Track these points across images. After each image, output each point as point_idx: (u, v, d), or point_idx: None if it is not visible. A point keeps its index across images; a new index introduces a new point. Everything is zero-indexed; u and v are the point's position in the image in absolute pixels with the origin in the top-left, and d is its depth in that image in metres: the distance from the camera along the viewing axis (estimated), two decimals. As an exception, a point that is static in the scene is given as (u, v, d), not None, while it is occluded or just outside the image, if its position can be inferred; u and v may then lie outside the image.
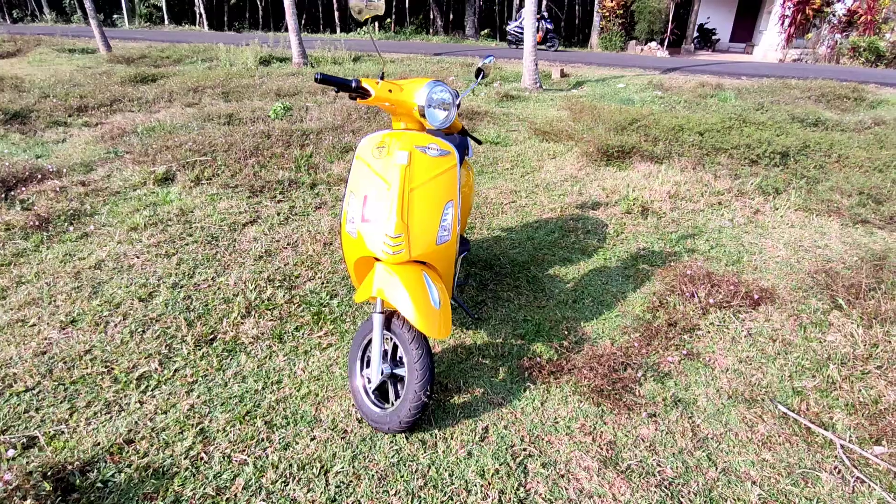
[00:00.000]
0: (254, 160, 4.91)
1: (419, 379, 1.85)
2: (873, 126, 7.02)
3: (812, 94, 9.12)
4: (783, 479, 1.85)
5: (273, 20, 24.88)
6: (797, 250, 3.57)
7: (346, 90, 1.89)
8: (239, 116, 6.56)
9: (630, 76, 11.73)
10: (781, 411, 2.15)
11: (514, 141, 6.16)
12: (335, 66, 11.52)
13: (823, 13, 15.47)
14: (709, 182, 4.61)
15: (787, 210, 4.21)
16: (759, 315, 2.80)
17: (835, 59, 15.27)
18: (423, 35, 20.14)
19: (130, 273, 3.10)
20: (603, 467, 1.88)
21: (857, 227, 3.96)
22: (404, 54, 14.26)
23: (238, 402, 2.15)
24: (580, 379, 2.29)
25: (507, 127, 6.80)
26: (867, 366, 2.35)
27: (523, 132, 6.51)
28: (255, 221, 3.87)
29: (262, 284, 3.02)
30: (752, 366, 2.45)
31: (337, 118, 6.45)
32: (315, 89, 8.44)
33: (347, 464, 1.86)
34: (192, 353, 2.44)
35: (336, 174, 4.77)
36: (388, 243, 1.89)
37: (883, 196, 4.40)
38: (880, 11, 14.55)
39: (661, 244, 3.66)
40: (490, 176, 4.98)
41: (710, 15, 19.23)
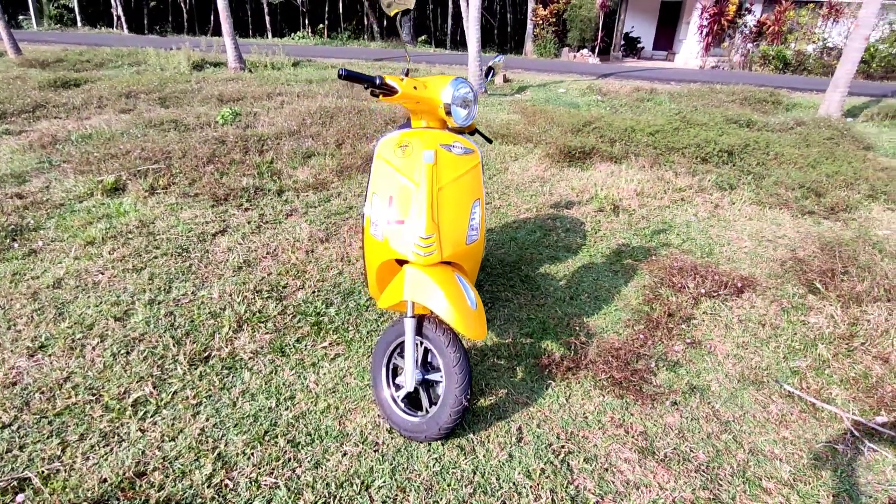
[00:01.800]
0: (212, 167, 4.63)
1: (459, 383, 1.79)
2: (796, 126, 7.64)
3: (736, 98, 9.80)
4: (806, 455, 1.95)
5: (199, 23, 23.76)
6: (761, 241, 3.80)
7: (370, 87, 1.81)
8: (184, 122, 6.18)
9: (569, 81, 12.15)
10: (787, 391, 2.27)
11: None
12: (276, 71, 11.14)
13: (736, 24, 16.74)
14: (670, 179, 4.83)
15: (742, 204, 4.48)
16: (744, 302, 2.95)
17: (748, 66, 16.55)
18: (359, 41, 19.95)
19: (97, 291, 2.82)
20: (642, 457, 1.90)
21: (806, 218, 4.28)
22: (344, 59, 14.05)
23: (253, 422, 2.00)
24: (597, 373, 2.32)
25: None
26: (852, 343, 2.53)
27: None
28: (225, 231, 3.64)
29: (250, 296, 2.84)
30: (749, 350, 2.57)
31: (291, 123, 6.22)
32: (260, 94, 8.12)
33: (388, 477, 1.77)
34: (187, 373, 2.24)
35: (302, 180, 4.59)
36: (419, 244, 1.82)
37: (822, 189, 4.78)
38: (786, 23, 15.93)
39: (637, 239, 3.79)
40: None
41: (634, 24, 20.30)
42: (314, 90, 8.73)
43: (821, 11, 16.08)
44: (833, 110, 8.99)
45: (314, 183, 4.54)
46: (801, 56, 15.93)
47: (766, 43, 16.23)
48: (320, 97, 8.11)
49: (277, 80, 9.71)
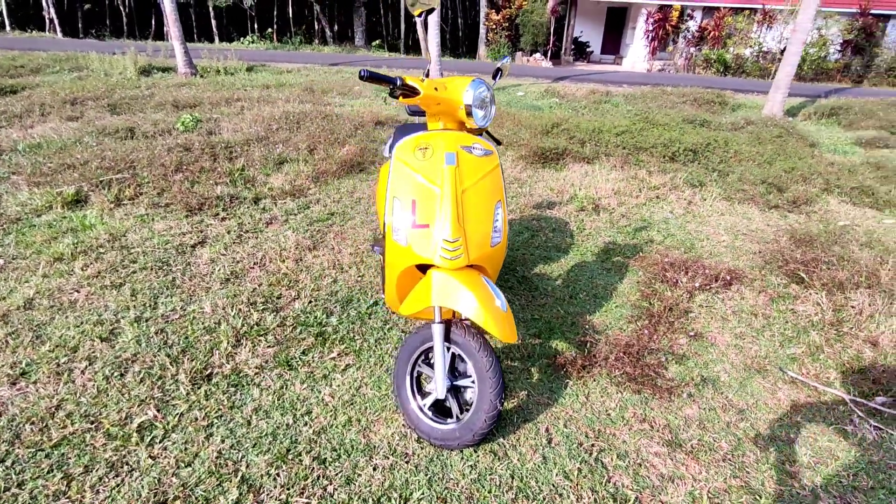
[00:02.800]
0: (181, 176, 4.41)
1: (494, 387, 1.76)
2: (746, 125, 8.04)
3: (686, 100, 10.22)
4: (820, 438, 2.02)
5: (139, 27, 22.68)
6: (737, 235, 3.96)
7: (392, 88, 1.76)
8: (142, 130, 5.88)
9: (526, 84, 12.35)
10: (791, 377, 2.36)
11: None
12: (229, 77, 10.78)
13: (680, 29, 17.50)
14: (644, 178, 4.96)
15: (713, 200, 4.66)
16: (734, 294, 3.06)
17: (692, 69, 17.32)
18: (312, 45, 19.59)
19: (75, 310, 2.62)
20: (671, 450, 1.92)
21: (772, 212, 4.49)
22: (299, 64, 13.77)
23: (272, 441, 1.90)
24: (611, 370, 2.34)
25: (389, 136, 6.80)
26: (841, 328, 2.66)
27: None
28: (205, 242, 3.47)
29: (244, 309, 2.71)
30: (747, 340, 2.67)
31: (257, 129, 6.03)
32: (218, 100, 7.83)
33: (426, 488, 1.72)
34: (191, 393, 2.11)
35: (277, 187, 4.44)
36: (446, 248, 1.78)
37: (782, 184, 5.04)
38: (725, 29, 16.78)
39: (621, 237, 3.87)
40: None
41: (583, 29, 20.88)
42: (274, 95, 8.50)
43: (755, 18, 17.04)
44: (776, 110, 9.52)
45: (291, 190, 4.40)
46: (739, 59, 16.82)
47: (708, 47, 17.05)
48: (281, 102, 7.90)
49: (233, 86, 9.41)
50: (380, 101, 8.84)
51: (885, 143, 7.67)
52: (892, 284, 2.96)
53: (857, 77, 16.73)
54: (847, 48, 16.82)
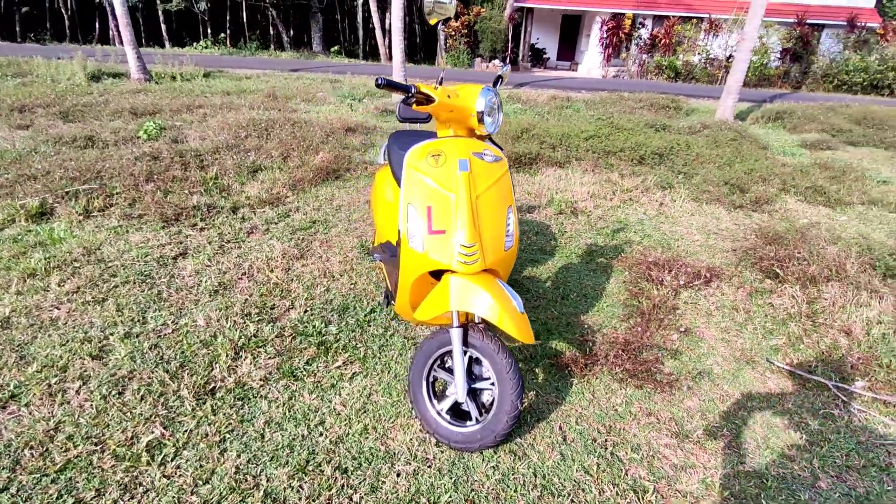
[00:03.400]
0: (152, 185, 4.26)
1: (514, 388, 1.80)
2: (702, 129, 8.40)
3: (644, 105, 10.60)
4: (811, 422, 2.15)
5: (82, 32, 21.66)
6: (709, 234, 4.15)
7: (407, 96, 1.78)
8: (102, 138, 5.64)
9: (488, 91, 12.48)
10: (777, 367, 2.49)
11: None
12: (186, 83, 10.46)
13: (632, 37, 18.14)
14: (616, 181, 5.13)
15: (682, 201, 4.86)
16: (715, 290, 3.20)
17: (644, 75, 17.98)
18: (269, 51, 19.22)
19: (58, 328, 2.50)
20: (680, 441, 2.00)
21: (738, 212, 4.72)
22: (257, 70, 13.50)
23: (289, 453, 1.87)
24: (612, 367, 2.41)
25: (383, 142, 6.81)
26: (817, 319, 2.83)
27: (423, 144, 6.57)
28: (186, 254, 3.37)
29: (239, 320, 2.65)
30: (732, 333, 2.80)
31: (226, 136, 5.88)
32: (178, 107, 7.59)
33: (453, 491, 1.73)
34: (197, 408, 2.05)
35: (254, 196, 4.35)
36: (463, 253, 1.81)
37: (744, 185, 5.30)
38: (674, 37, 17.51)
39: (601, 239, 3.98)
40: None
41: (539, 36, 21.33)
42: (236, 102, 8.31)
43: (702, 26, 17.86)
44: (728, 114, 10.00)
45: (268, 198, 4.32)
46: (689, 66, 17.58)
47: (660, 54, 17.75)
48: (245, 109, 7.74)
49: (192, 92, 9.14)
50: (346, 108, 8.79)
51: (827, 145, 8.16)
52: (859, 277, 3.17)
53: (796, 83, 17.77)
54: (786, 56, 17.85)
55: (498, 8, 18.63)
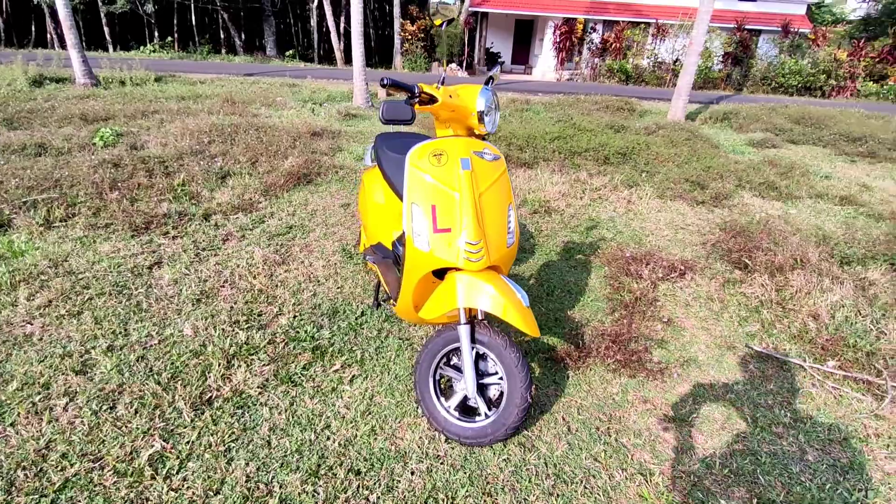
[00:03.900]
0: (117, 194, 4.09)
1: (524, 381, 1.83)
2: (658, 130, 8.73)
3: (600, 107, 10.92)
4: (793, 401, 2.29)
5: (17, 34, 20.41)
6: (677, 229, 4.33)
7: (411, 95, 1.79)
8: (54, 146, 5.36)
9: (449, 94, 12.58)
10: (756, 351, 2.63)
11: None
12: (137, 88, 10.06)
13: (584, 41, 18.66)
14: (585, 180, 5.27)
15: (648, 199, 5.05)
16: (689, 282, 3.35)
17: (597, 78, 18.52)
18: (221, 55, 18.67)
19: (34, 344, 2.37)
20: (678, 426, 2.09)
21: (700, 207, 4.94)
22: (211, 75, 13.12)
23: (299, 458, 1.84)
24: (604, 358, 2.49)
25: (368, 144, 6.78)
26: (786, 305, 3.00)
27: (391, 148, 6.57)
28: (161, 263, 3.25)
29: (227, 329, 2.58)
30: (710, 322, 2.94)
31: (189, 142, 5.70)
32: (132, 112, 7.30)
33: (469, 486, 1.75)
34: (196, 419, 1.99)
35: (225, 202, 4.24)
36: (469, 251, 1.84)
37: (703, 182, 5.55)
38: (624, 41, 18.13)
39: (576, 236, 4.09)
40: (391, 190, 4.94)
41: (493, 41, 21.64)
42: (193, 107, 8.07)
43: (650, 31, 18.56)
44: (679, 115, 10.43)
45: (241, 204, 4.22)
46: (638, 69, 18.23)
47: (611, 58, 18.33)
48: (204, 114, 7.52)
49: (144, 97, 8.81)
50: (307, 113, 8.67)
51: (772, 143, 8.63)
52: (820, 265, 3.38)
53: (738, 85, 18.71)
54: (728, 59, 18.77)
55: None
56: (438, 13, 5.47)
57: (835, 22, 23.86)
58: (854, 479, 1.89)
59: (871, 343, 2.65)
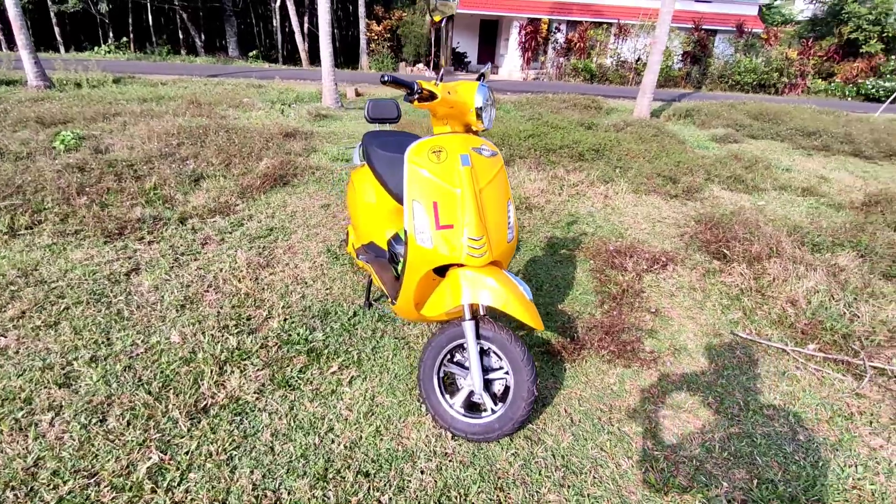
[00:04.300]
0: (85, 199, 3.93)
1: (529, 375, 1.84)
2: (626, 127, 8.92)
3: (567, 105, 11.08)
4: (781, 384, 2.37)
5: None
6: (654, 222, 4.43)
7: (411, 92, 1.78)
8: (10, 150, 5.10)
9: (418, 94, 12.56)
10: (742, 338, 2.72)
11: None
12: (95, 90, 9.67)
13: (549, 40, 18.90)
14: (563, 177, 5.34)
15: (624, 193, 5.15)
16: (672, 273, 3.43)
17: (562, 77, 18.79)
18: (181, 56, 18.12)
19: (10, 357, 2.25)
20: (675, 412, 2.14)
21: (674, 201, 5.07)
22: (172, 76, 12.73)
23: (305, 463, 1.80)
24: (598, 350, 2.53)
25: (342, 144, 6.72)
26: (765, 293, 3.11)
27: (365, 148, 6.51)
28: (138, 269, 3.14)
29: (217, 334, 2.51)
30: (694, 311, 3.02)
31: (157, 145, 5.52)
32: (93, 115, 7.02)
33: (481, 481, 1.75)
34: (193, 428, 1.93)
35: (201, 205, 4.12)
36: (472, 247, 1.83)
37: (674, 176, 5.70)
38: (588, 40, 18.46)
39: (558, 231, 4.14)
40: (370, 191, 4.89)
41: (459, 41, 21.70)
42: (157, 109, 7.83)
43: (612, 31, 18.95)
44: (644, 112, 10.67)
45: (217, 207, 4.11)
46: (602, 68, 18.59)
47: (575, 57, 18.64)
48: (169, 116, 7.30)
49: (103, 99, 8.48)
50: (276, 114, 8.51)
51: (734, 138, 8.92)
52: (794, 253, 3.52)
53: (697, 83, 19.29)
54: (687, 58, 19.34)
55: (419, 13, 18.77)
56: (437, 10, 5.42)
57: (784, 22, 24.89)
58: (844, 456, 1.97)
59: (846, 326, 2.77)
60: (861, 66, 19.51)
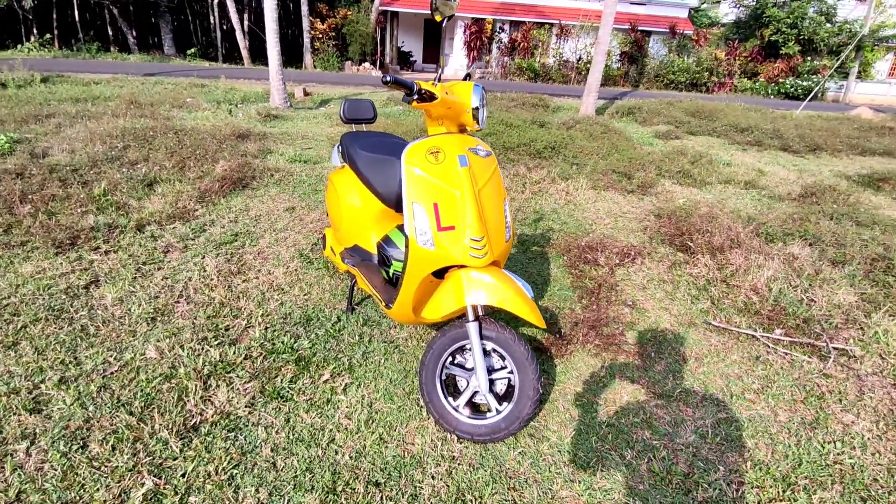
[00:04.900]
0: (29, 207, 3.64)
1: (534, 373, 1.86)
2: (575, 125, 9.16)
3: (516, 104, 11.26)
4: (756, 369, 2.50)
5: None
6: (616, 217, 4.57)
7: (410, 93, 1.75)
8: (-68, 156, 4.66)
9: (367, 93, 12.45)
10: (714, 326, 2.85)
11: (320, 158, 5.99)
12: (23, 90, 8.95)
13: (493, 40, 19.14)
14: (524, 174, 5.42)
15: (583, 190, 5.28)
16: (641, 266, 3.55)
17: (507, 76, 19.08)
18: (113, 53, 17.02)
19: (-34, 384, 2.06)
20: (666, 402, 2.22)
21: (630, 196, 5.26)
22: (105, 75, 12.00)
23: (312, 477, 1.75)
24: (584, 345, 2.59)
25: (297, 145, 6.55)
26: (730, 282, 3.27)
27: (322, 149, 6.39)
28: (98, 281, 2.94)
29: (196, 346, 2.39)
30: (666, 302, 3.14)
31: (101, 147, 5.18)
32: (23, 117, 6.51)
33: (494, 483, 1.75)
34: (185, 448, 1.83)
35: (158, 211, 3.90)
36: (474, 247, 1.83)
37: (628, 172, 5.91)
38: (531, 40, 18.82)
39: (526, 229, 4.20)
40: (334, 192, 4.79)
41: (404, 40, 21.61)
42: (93, 110, 7.37)
43: (554, 31, 19.41)
44: (590, 111, 11.00)
45: (176, 213, 3.91)
46: (545, 68, 19.00)
47: (520, 57, 18.96)
48: (109, 117, 6.88)
49: (32, 100, 7.89)
50: (224, 114, 8.19)
51: (675, 135, 9.34)
52: (752, 243, 3.72)
53: (635, 82, 20.09)
54: (625, 58, 20.09)
55: (364, 11, 18.55)
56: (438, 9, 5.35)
57: (711, 25, 26.29)
58: (822, 433, 2.11)
59: (806, 311, 2.96)
60: (781, 67, 20.91)
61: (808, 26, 20.64)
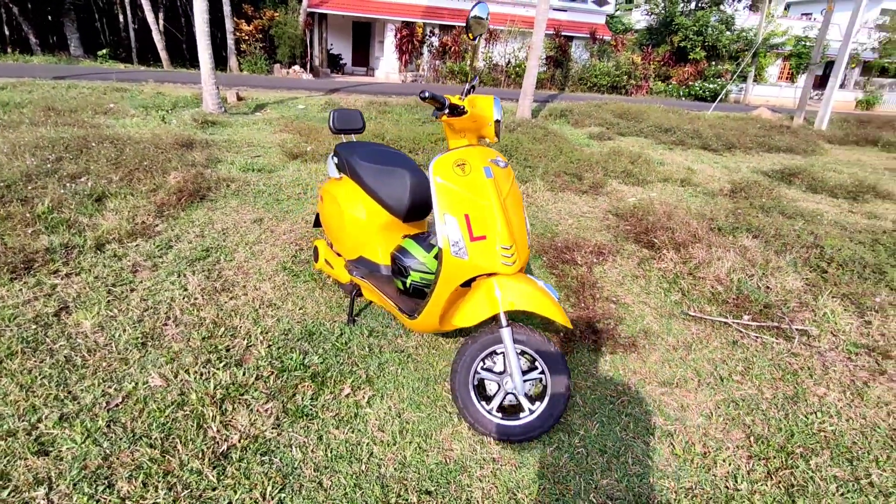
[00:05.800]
0: (-34, 230, 3.29)
1: (565, 372, 1.95)
2: (517, 128, 9.45)
3: (456, 108, 11.42)
4: (736, 353, 2.75)
5: None
6: (577, 217, 4.80)
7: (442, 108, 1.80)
8: None
9: (302, 97, 12.15)
10: (691, 316, 3.09)
11: (273, 166, 5.81)
12: None
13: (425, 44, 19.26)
14: (485, 179, 5.54)
15: (541, 191, 5.49)
16: (614, 264, 3.77)
17: (439, 79, 19.28)
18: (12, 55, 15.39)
19: (-49, 431, 1.86)
20: (668, 389, 2.39)
21: (585, 196, 5.52)
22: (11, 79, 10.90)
23: (362, 493, 1.74)
24: (583, 341, 2.72)
25: (244, 153, 6.33)
26: (696, 274, 3.55)
27: (272, 157, 6.20)
28: (67, 308, 2.73)
29: (201, 371, 2.29)
30: (643, 296, 3.36)
31: (30, 161, 4.75)
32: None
33: (540, 479, 1.82)
34: (222, 477, 1.76)
35: (115, 228, 3.65)
36: (504, 255, 1.90)
37: (578, 173, 6.19)
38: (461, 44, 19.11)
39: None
40: (299, 202, 4.68)
41: (333, 43, 21.26)
42: (7, 119, 6.72)
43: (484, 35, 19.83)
44: (526, 113, 11.37)
45: (135, 230, 3.68)
46: (476, 71, 19.36)
47: (451, 61, 19.21)
48: (26, 127, 6.31)
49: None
50: (157, 121, 7.73)
51: (608, 136, 9.87)
52: (709, 237, 4.04)
53: (560, 85, 20.94)
54: (551, 62, 20.88)
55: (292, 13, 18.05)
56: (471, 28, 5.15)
57: (626, 31, 27.89)
58: (804, 406, 2.36)
59: (765, 297, 3.27)
60: (690, 71, 22.56)
61: (712, 34, 22.42)
